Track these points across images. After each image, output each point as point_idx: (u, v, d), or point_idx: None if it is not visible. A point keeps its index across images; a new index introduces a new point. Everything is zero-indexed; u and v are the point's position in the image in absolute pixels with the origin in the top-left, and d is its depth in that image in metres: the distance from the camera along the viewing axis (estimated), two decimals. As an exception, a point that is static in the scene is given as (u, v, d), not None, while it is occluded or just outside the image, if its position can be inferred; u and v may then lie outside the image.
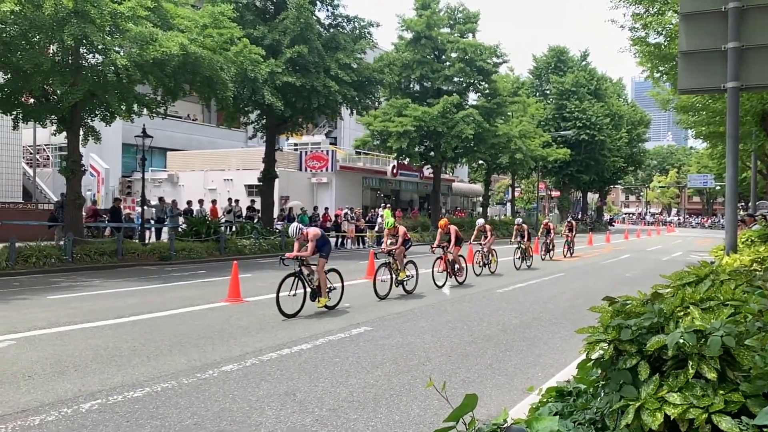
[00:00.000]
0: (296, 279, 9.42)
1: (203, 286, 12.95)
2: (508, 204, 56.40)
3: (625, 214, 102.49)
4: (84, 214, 18.91)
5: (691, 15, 5.99)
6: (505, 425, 2.03)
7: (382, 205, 34.96)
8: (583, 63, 54.84)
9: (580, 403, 2.81)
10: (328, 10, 25.80)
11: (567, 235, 23.38)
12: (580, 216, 60.63)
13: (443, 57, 34.84)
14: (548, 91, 53.39)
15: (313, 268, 9.79)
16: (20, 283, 12.90)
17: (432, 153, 34.89)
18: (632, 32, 16.87)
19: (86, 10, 13.98)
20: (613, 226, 63.83)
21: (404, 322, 9.10)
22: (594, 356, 2.76)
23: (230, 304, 10.28)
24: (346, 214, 27.14)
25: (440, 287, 12.88)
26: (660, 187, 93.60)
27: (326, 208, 29.27)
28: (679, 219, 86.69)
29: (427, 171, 40.23)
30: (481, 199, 48.17)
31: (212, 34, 17.15)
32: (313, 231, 9.79)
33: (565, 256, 22.65)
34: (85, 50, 15.85)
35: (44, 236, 18.08)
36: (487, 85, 35.63)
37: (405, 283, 11.90)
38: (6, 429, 4.48)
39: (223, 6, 18.32)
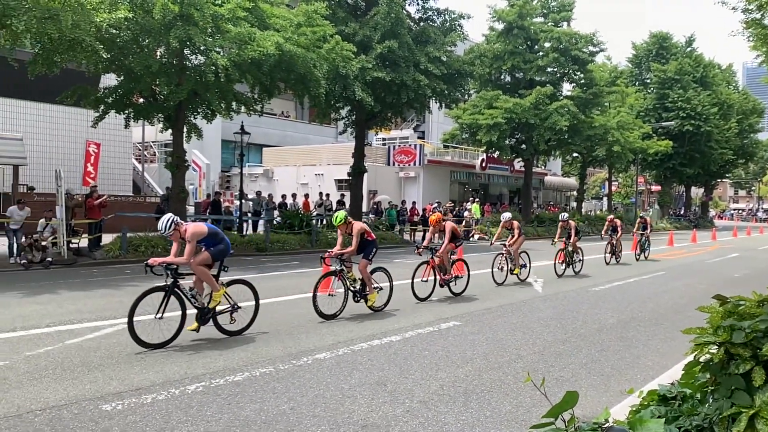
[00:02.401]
0: (167, 296, 6.87)
1: (296, 276, 13.40)
2: (605, 199, 54.13)
3: (734, 209, 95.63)
4: (190, 206, 20.05)
5: (815, -7, 5.48)
6: (606, 425, 1.97)
7: (470, 199, 34.62)
8: (689, 49, 51.55)
9: (685, 408, 2.67)
10: (418, 4, 25.81)
11: (641, 234, 19.77)
12: (682, 212, 57.25)
13: (536, 47, 33.91)
14: (649, 80, 50.63)
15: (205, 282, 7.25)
16: (131, 271, 13.90)
17: (523, 146, 34.09)
18: (745, 14, 15.71)
19: (190, 14, 14.79)
20: (710, 220, 59.05)
21: (494, 318, 8.99)
22: (702, 359, 2.62)
23: (322, 295, 10.45)
24: (435, 208, 27.12)
25: (422, 300, 10.18)
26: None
27: (414, 202, 29.39)
28: (796, 216, 79.78)
29: (518, 164, 39.35)
30: (575, 193, 46.55)
31: (306, 32, 17.61)
32: (194, 228, 7.09)
33: (637, 259, 19.07)
34: (188, 52, 16.77)
35: (151, 227, 19.33)
36: (582, 75, 34.32)
37: (367, 296, 9.13)
38: (123, 405, 4.86)
39: (317, 4, 18.76)
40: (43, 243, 14.51)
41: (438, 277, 10.66)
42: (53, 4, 12.44)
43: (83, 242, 16.74)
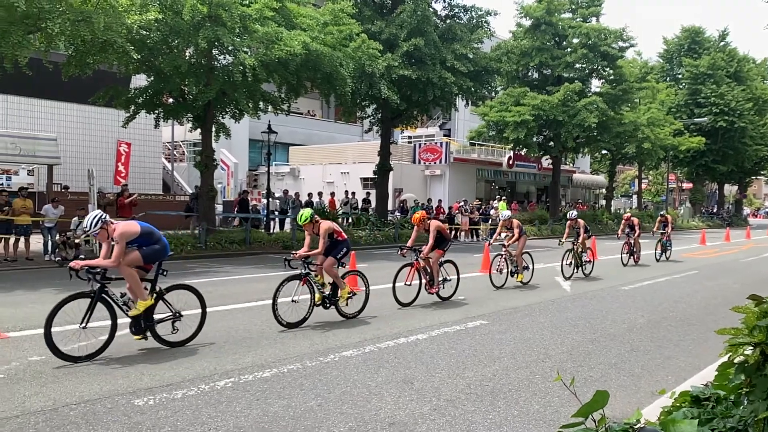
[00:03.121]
0: (93, 303, 6.20)
1: (323, 274, 13.44)
2: (634, 197, 53.26)
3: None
4: (218, 204, 20.29)
5: None
6: (637, 425, 1.94)
7: (497, 197, 34.38)
8: (722, 43, 50.33)
9: (719, 410, 2.61)
10: (444, 1, 25.71)
11: (661, 234, 18.52)
12: (715, 210, 56.04)
13: (564, 43, 33.49)
14: (680, 76, 49.57)
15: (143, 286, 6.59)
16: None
17: (551, 143, 33.69)
18: (781, 7, 15.26)
19: (219, 14, 14.97)
20: (744, 219, 57.44)
21: (522, 317, 8.92)
22: (737, 360, 2.56)
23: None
24: (461, 207, 27.00)
25: (405, 305, 9.42)
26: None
27: (440, 201, 29.28)
28: (835, 214, 77.41)
29: (546, 162, 38.93)
30: (604, 191, 45.86)
31: (332, 31, 17.68)
32: (124, 227, 6.42)
33: (657, 260, 17.79)
34: (217, 52, 16.98)
35: (181, 225, 19.66)
36: (611, 71, 33.78)
37: (338, 302, 8.34)
38: (154, 400, 4.95)
39: (343, 3, 18.81)
40: (76, 240, 14.84)
41: (423, 280, 9.85)
42: (86, 7, 12.72)
43: (115, 240, 17.05)
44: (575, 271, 13.75)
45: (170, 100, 19.42)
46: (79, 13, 12.66)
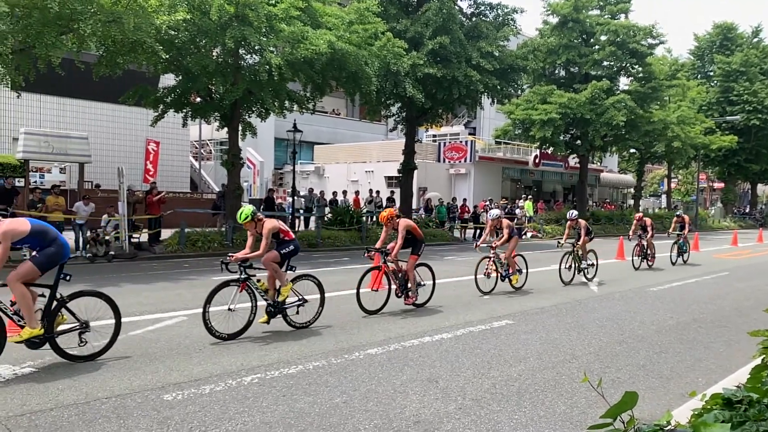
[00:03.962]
0: None
1: (347, 272, 13.50)
2: (663, 196, 52.34)
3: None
4: (244, 202, 20.49)
5: None
6: (668, 427, 1.91)
7: (523, 196, 34.09)
8: (755, 40, 49.15)
9: (752, 414, 2.56)
10: (470, -1, 25.58)
11: (678, 235, 17.39)
12: (747, 210, 54.79)
13: (592, 40, 33.06)
14: (712, 73, 48.56)
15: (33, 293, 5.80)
16: (189, 265, 14.33)
17: (578, 141, 33.30)
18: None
19: (245, 14, 15.12)
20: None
21: (548, 318, 8.84)
22: (771, 363, 2.51)
23: (372, 291, 10.35)
24: (487, 205, 26.83)
25: (371, 313, 8.51)
26: None
27: (464, 200, 29.15)
28: None
29: (573, 161, 38.50)
30: (632, 190, 45.17)
31: (358, 29, 17.70)
32: (9, 225, 5.59)
33: (673, 263, 16.71)
34: (243, 51, 17.15)
35: (208, 223, 19.90)
36: (640, 69, 33.26)
37: (286, 310, 7.55)
38: (183, 395, 5.03)
39: (369, 2, 18.80)
40: (106, 237, 15.13)
41: (393, 285, 8.94)
42: (117, 8, 12.95)
43: (143, 237, 17.36)
44: (575, 275, 12.60)
45: (198, 99, 19.66)
46: (110, 14, 12.89)
